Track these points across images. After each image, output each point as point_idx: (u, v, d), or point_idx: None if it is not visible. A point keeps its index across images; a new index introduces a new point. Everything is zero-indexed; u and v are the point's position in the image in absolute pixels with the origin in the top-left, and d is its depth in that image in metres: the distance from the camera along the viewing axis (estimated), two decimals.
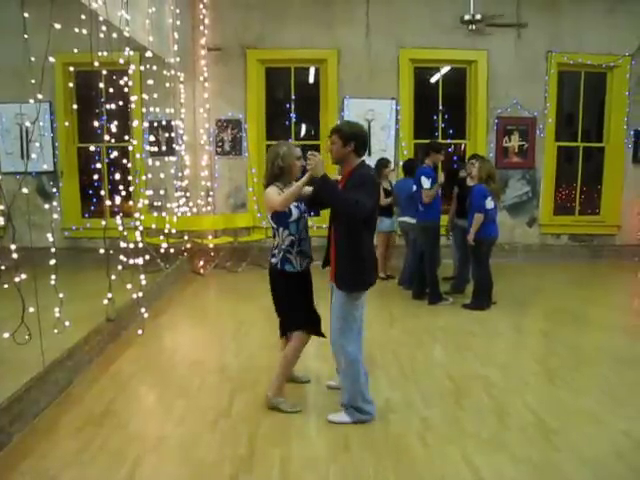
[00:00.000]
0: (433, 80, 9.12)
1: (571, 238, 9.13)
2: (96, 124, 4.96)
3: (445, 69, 8.92)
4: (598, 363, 4.73)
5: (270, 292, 3.73)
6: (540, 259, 8.90)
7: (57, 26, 3.89)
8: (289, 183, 3.55)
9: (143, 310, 5.30)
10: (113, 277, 4.76)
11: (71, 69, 6.95)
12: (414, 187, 6.34)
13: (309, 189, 3.57)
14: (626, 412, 3.72)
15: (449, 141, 9.13)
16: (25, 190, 3.61)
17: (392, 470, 3.00)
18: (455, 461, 3.10)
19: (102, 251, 4.74)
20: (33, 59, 3.77)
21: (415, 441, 3.32)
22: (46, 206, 6.71)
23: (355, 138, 3.43)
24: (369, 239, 3.49)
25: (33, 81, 3.75)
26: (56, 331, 4.04)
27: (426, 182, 6.05)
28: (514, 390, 4.07)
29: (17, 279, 3.41)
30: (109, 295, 4.75)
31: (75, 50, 4.82)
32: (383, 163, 7.31)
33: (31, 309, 3.46)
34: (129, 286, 5.13)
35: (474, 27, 8.19)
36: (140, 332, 5.16)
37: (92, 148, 5.12)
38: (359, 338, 3.60)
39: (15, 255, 3.42)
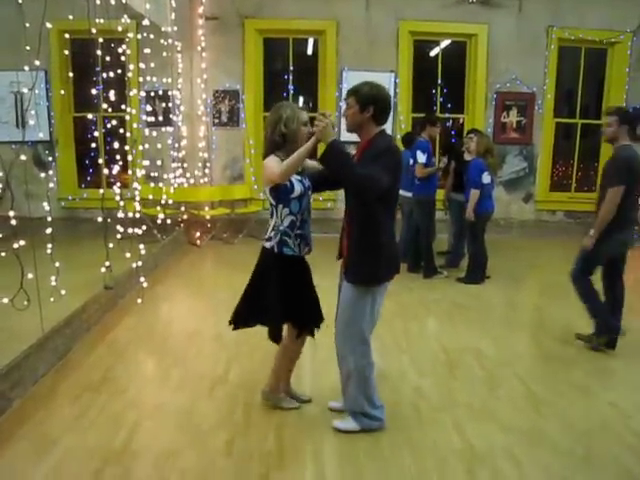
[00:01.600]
0: (432, 53, 9.04)
1: (566, 215, 9.17)
2: (93, 92, 4.93)
3: (445, 43, 8.84)
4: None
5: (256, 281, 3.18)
6: (535, 235, 8.95)
7: None
8: (293, 153, 2.93)
9: (142, 279, 5.34)
10: (110, 245, 4.77)
11: (67, 36, 6.84)
12: (410, 161, 6.35)
13: (314, 163, 3.13)
14: (613, 384, 3.83)
15: (447, 115, 9.10)
16: (23, 157, 3.60)
17: (386, 436, 3.08)
18: (446, 428, 3.19)
19: (100, 219, 4.75)
20: (28, 25, 3.72)
21: (408, 409, 3.40)
22: (42, 175, 6.68)
23: (375, 102, 2.90)
24: (389, 223, 3.01)
25: (28, 48, 3.71)
26: (52, 299, 4.07)
27: (421, 156, 6.05)
28: (506, 362, 4.15)
29: (16, 245, 3.43)
30: (107, 263, 4.76)
31: (70, 17, 4.75)
32: None
33: (29, 275, 3.49)
34: (128, 255, 5.15)
35: (475, 0, 8.09)
36: (140, 301, 5.20)
37: (90, 117, 5.08)
38: (369, 340, 3.10)
39: (14, 222, 3.43)
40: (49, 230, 4.19)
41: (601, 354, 4.32)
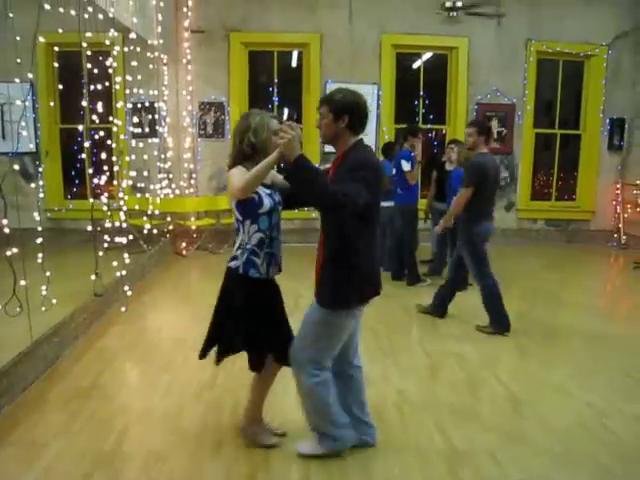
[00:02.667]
0: (414, 66, 9.22)
1: (547, 223, 9.36)
2: (80, 104, 4.99)
3: (426, 55, 9.03)
4: (568, 340, 4.94)
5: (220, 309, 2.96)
6: (517, 243, 9.11)
7: (47, 7, 3.92)
8: None
9: (127, 288, 5.38)
10: (100, 253, 4.82)
11: (56, 49, 6.91)
12: (393, 170, 6.47)
13: (280, 177, 2.87)
14: (592, 385, 3.93)
15: (429, 126, 9.27)
16: (16, 167, 3.65)
17: None
18: (429, 429, 3.27)
19: (89, 228, 4.80)
20: (19, 38, 3.79)
21: (392, 411, 3.49)
22: (32, 185, 6.70)
23: (350, 110, 2.65)
24: (367, 243, 2.72)
25: (19, 60, 3.78)
26: (44, 309, 4.12)
27: (406, 165, 6.18)
28: (487, 365, 4.26)
29: (8, 253, 3.48)
30: (96, 271, 4.81)
31: (60, 30, 4.82)
32: None
33: (22, 282, 3.54)
34: (114, 263, 5.19)
35: (455, 14, 8.30)
36: (124, 309, 5.25)
37: (80, 128, 5.13)
38: (330, 364, 2.85)
39: (7, 230, 3.48)
40: (39, 240, 4.23)
41: (582, 360, 4.46)
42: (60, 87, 7.20)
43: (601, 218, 9.32)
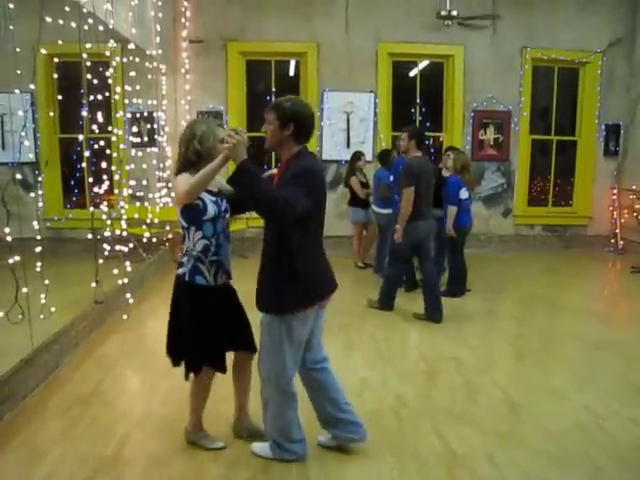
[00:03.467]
0: (411, 74, 9.29)
1: (544, 229, 9.40)
2: (79, 114, 5.04)
3: (423, 63, 9.10)
4: (566, 345, 4.98)
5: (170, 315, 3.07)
6: (514, 249, 9.15)
7: (48, 19, 3.97)
8: None
9: (128, 296, 5.42)
10: (100, 261, 4.86)
11: (56, 60, 6.98)
12: (391, 177, 6.51)
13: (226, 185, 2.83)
14: (589, 389, 3.95)
15: (426, 134, 9.31)
16: (19, 176, 3.70)
17: (367, 442, 3.17)
18: (427, 433, 3.30)
19: (90, 236, 4.84)
20: (19, 50, 3.85)
21: (390, 416, 3.51)
22: (32, 195, 6.75)
23: (296, 119, 2.67)
24: (308, 248, 2.72)
25: (19, 72, 3.84)
26: (42, 317, 4.15)
27: None
28: (484, 370, 4.28)
29: (11, 260, 3.52)
30: (97, 278, 4.85)
31: (60, 42, 4.88)
32: (357, 156, 7.54)
33: (24, 289, 3.57)
34: (115, 271, 5.23)
35: (450, 23, 8.38)
36: (125, 317, 5.28)
37: (79, 138, 5.18)
38: (294, 369, 2.88)
39: (9, 238, 3.52)
40: (39, 249, 4.27)
41: (580, 364, 4.50)
42: (60, 97, 7.26)
43: (598, 223, 9.36)
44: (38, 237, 4.30)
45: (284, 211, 2.46)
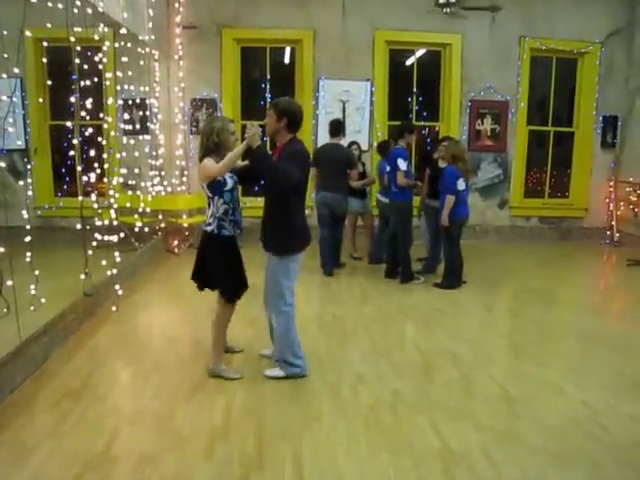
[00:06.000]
0: (408, 62, 9.18)
1: (541, 220, 9.35)
2: (70, 100, 4.92)
3: (420, 52, 8.98)
4: (563, 339, 4.94)
5: (196, 257, 3.92)
6: (510, 240, 9.11)
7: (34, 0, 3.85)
8: (224, 157, 3.64)
9: (117, 287, 5.33)
10: (90, 252, 4.77)
11: (44, 44, 6.82)
12: (387, 168, 6.44)
13: (240, 163, 3.83)
14: (586, 384, 3.90)
15: (423, 123, 9.24)
16: (2, 164, 3.60)
17: (363, 437, 3.13)
18: (423, 429, 3.25)
19: (79, 227, 4.74)
20: (5, 32, 3.72)
21: (386, 411, 3.45)
22: (20, 183, 6.62)
23: (287, 114, 3.61)
24: (299, 207, 3.75)
25: (6, 55, 3.72)
26: (32, 308, 4.06)
27: (403, 164, 6.12)
28: (481, 364, 4.23)
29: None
30: (86, 270, 4.75)
31: (49, 25, 4.75)
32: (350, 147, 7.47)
33: (9, 282, 3.48)
34: (104, 262, 5.14)
35: (449, 10, 8.27)
36: (114, 309, 5.19)
37: (68, 124, 5.05)
38: (292, 299, 3.83)
39: None
40: (28, 238, 4.17)
41: (576, 358, 4.46)
42: (50, 83, 7.11)
43: (594, 215, 9.32)
44: (27, 227, 4.19)
45: (286, 177, 3.47)
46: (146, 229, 6.91)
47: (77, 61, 4.85)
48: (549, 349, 4.63)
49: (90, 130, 5.26)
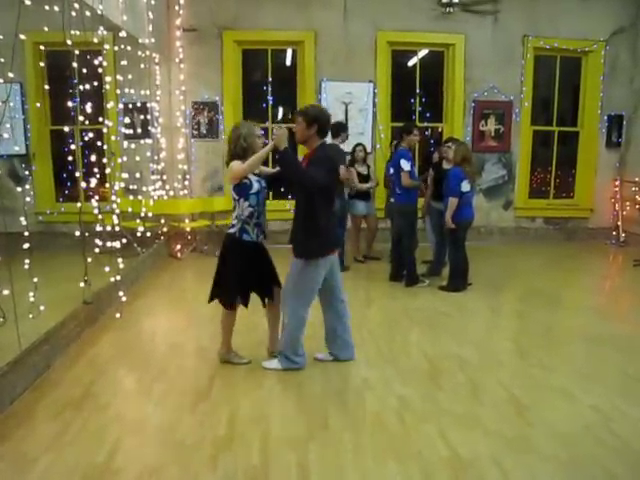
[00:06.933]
0: (410, 63, 9.12)
1: (545, 221, 9.28)
2: (69, 105, 4.87)
3: (423, 52, 8.92)
4: (570, 342, 4.86)
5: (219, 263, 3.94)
6: (515, 241, 9.05)
7: (27, 2, 3.79)
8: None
9: (121, 294, 5.27)
10: (89, 260, 4.72)
11: (42, 48, 6.77)
12: (391, 170, 6.37)
13: (269, 169, 3.99)
14: (595, 388, 3.83)
15: (426, 124, 9.17)
16: None
17: (370, 447, 3.06)
18: (431, 437, 3.17)
19: (77, 233, 4.69)
20: (1, 37, 3.67)
21: (392, 418, 3.38)
22: (18, 189, 6.58)
23: (318, 121, 3.71)
24: (326, 211, 3.79)
25: (2, 60, 3.67)
26: (31, 316, 4.00)
27: (406, 165, 6.07)
28: (488, 368, 4.16)
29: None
30: (85, 278, 4.70)
31: (45, 28, 4.70)
32: (354, 149, 7.42)
33: (5, 292, 3.43)
34: (107, 269, 5.08)
35: (451, 10, 8.21)
36: (118, 316, 5.14)
37: (67, 129, 5.01)
38: (310, 302, 3.95)
39: None
40: (26, 245, 4.12)
41: (584, 362, 4.38)
42: (49, 87, 7.05)
43: (600, 216, 9.25)
44: (26, 233, 4.14)
45: (312, 183, 3.60)
46: (148, 234, 6.86)
47: (77, 65, 4.80)
48: (556, 352, 4.56)
49: (91, 135, 5.22)
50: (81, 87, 4.98)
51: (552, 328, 5.14)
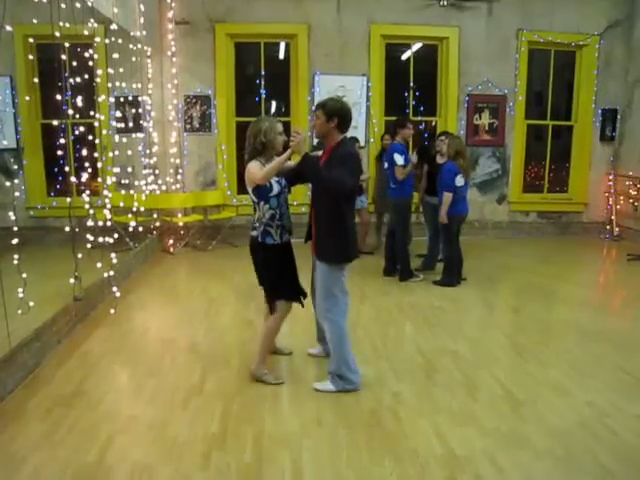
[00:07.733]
0: (404, 57, 9.07)
1: (540, 215, 9.27)
2: (60, 99, 4.80)
3: (416, 46, 8.87)
4: (565, 337, 4.84)
5: (253, 266, 3.79)
6: (509, 236, 9.04)
7: None
8: (271, 158, 3.58)
9: (115, 289, 5.22)
10: (80, 255, 4.66)
11: (31, 40, 6.68)
12: (385, 164, 6.34)
13: (290, 164, 3.63)
14: (590, 384, 3.82)
15: (420, 118, 9.11)
16: None
17: (365, 444, 3.04)
18: (426, 434, 3.16)
19: (74, 226, 4.64)
20: None
21: (387, 415, 3.36)
22: (8, 184, 6.50)
23: (338, 114, 3.47)
24: (350, 211, 3.59)
25: None
26: (20, 312, 3.95)
27: (399, 159, 6.04)
28: (483, 364, 4.15)
29: None
30: (76, 274, 4.65)
31: (35, 21, 4.62)
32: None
33: None
34: (99, 265, 5.03)
35: (445, 3, 8.17)
36: (112, 311, 5.09)
37: (56, 123, 4.94)
38: (345, 308, 3.66)
39: None
40: (15, 240, 4.06)
41: (579, 357, 4.35)
42: (40, 81, 6.98)
43: (594, 210, 9.25)
44: (15, 228, 4.08)
45: (338, 188, 3.37)
46: (140, 228, 6.80)
47: (67, 58, 4.73)
48: (551, 347, 4.55)
49: (82, 128, 5.14)
50: (72, 80, 4.91)
51: (547, 323, 5.13)
